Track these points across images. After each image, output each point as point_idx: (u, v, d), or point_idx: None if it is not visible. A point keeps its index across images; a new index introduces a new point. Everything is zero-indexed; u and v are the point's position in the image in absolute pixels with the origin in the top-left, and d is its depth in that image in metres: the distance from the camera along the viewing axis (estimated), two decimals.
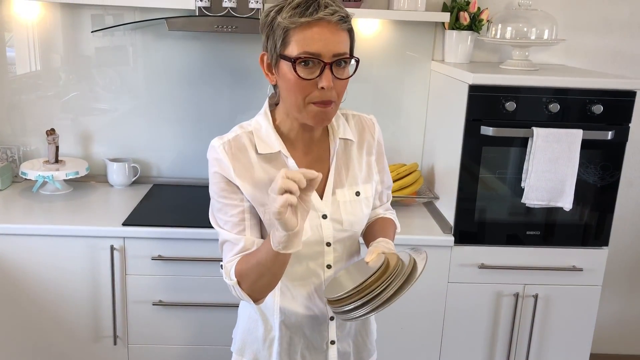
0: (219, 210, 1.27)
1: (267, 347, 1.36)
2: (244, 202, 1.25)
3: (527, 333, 2.25)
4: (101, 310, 2.13)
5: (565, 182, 2.05)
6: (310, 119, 1.21)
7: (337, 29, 1.15)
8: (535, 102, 2.03)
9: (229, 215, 1.25)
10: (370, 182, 1.36)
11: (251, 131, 1.28)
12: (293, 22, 1.14)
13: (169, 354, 2.19)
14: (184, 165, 2.57)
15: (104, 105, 2.51)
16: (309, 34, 1.14)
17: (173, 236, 2.06)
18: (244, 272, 1.20)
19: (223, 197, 1.25)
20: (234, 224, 1.25)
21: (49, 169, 2.33)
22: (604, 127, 2.05)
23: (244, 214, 1.25)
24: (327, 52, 1.15)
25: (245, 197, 1.25)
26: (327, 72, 1.15)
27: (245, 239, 1.24)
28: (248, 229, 1.25)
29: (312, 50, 1.14)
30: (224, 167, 1.24)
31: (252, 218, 1.25)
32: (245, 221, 1.25)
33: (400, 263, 1.20)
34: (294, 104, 1.20)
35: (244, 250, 1.23)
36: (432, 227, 2.21)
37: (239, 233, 1.24)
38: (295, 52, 1.15)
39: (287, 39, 1.16)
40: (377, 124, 1.40)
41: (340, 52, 1.16)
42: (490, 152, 2.10)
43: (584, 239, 2.19)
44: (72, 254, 2.07)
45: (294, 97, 1.19)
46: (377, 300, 1.15)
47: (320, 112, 1.19)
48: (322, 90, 1.16)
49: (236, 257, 1.24)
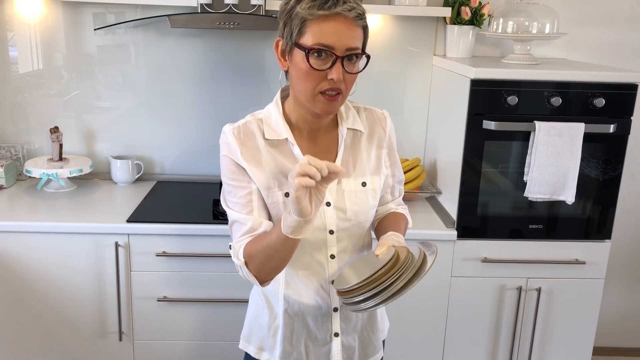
0: (229, 193, 1.31)
1: (272, 335, 1.38)
2: (252, 184, 1.29)
3: (530, 326, 2.25)
4: (106, 307, 2.14)
5: (567, 175, 2.05)
6: (317, 108, 1.25)
7: (352, 25, 1.19)
8: (537, 96, 2.04)
9: (238, 197, 1.29)
10: (378, 175, 1.37)
11: (261, 119, 1.32)
12: (311, 14, 1.18)
13: (175, 349, 2.20)
14: (188, 162, 2.57)
15: (106, 103, 2.52)
16: (325, 27, 1.17)
17: (177, 232, 2.07)
18: (252, 253, 1.23)
19: (232, 180, 1.30)
20: (242, 205, 1.29)
21: (53, 166, 2.34)
22: (606, 121, 2.06)
23: (252, 196, 1.29)
24: (341, 45, 1.18)
25: (252, 180, 1.27)
26: (338, 65, 1.19)
27: (253, 219, 1.27)
28: (256, 209, 1.29)
29: (326, 43, 1.18)
30: (232, 150, 1.28)
31: (259, 199, 1.29)
32: (252, 202, 1.29)
33: (410, 256, 1.21)
34: (303, 92, 1.24)
35: (252, 231, 1.27)
36: (434, 222, 2.22)
37: (247, 214, 1.28)
38: (310, 42, 1.18)
39: (303, 29, 1.19)
40: (389, 118, 1.43)
41: (353, 47, 1.20)
42: (492, 146, 2.11)
43: (587, 233, 2.20)
44: (77, 251, 2.08)
45: (304, 85, 1.22)
46: (386, 292, 1.16)
47: (327, 102, 1.23)
48: (331, 82, 1.20)
49: (245, 238, 1.27)
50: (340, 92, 1.22)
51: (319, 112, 1.26)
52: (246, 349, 1.43)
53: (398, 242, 1.27)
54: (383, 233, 1.35)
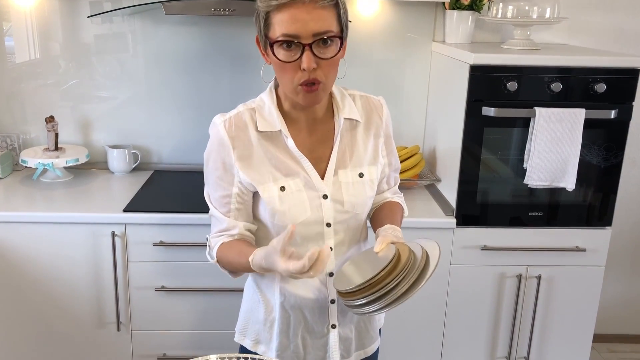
0: (211, 185, 1.31)
1: (268, 329, 1.36)
2: (233, 188, 1.28)
3: (530, 314, 2.24)
4: (104, 297, 2.13)
5: (567, 162, 2.03)
6: (300, 100, 1.22)
7: (314, 8, 1.12)
8: (537, 81, 2.01)
9: (218, 195, 1.29)
10: (375, 165, 1.34)
11: (254, 108, 1.29)
12: (268, 6, 1.15)
13: (173, 339, 2.20)
14: (185, 151, 2.56)
15: (103, 92, 2.50)
16: (286, 16, 1.13)
17: (174, 222, 2.06)
18: (223, 258, 1.29)
19: (215, 176, 1.28)
20: (221, 204, 1.30)
21: (49, 156, 2.32)
22: (607, 106, 2.03)
23: (230, 198, 1.28)
24: (306, 32, 1.13)
25: (238, 180, 1.26)
26: (307, 53, 1.14)
27: (229, 221, 1.29)
28: (232, 212, 1.29)
29: (289, 32, 1.13)
30: (226, 148, 1.25)
31: (238, 203, 1.29)
32: (230, 204, 1.29)
33: (412, 257, 1.16)
34: (285, 86, 1.22)
35: (227, 231, 1.29)
36: (434, 210, 2.20)
37: (224, 214, 1.29)
38: (277, 33, 1.15)
39: (268, 22, 1.17)
40: (385, 106, 1.39)
41: (321, 32, 1.14)
42: (492, 133, 2.08)
43: (587, 220, 2.18)
44: (74, 241, 2.07)
45: (284, 79, 1.20)
46: (390, 297, 1.12)
47: (308, 94, 1.19)
48: (305, 72, 1.15)
49: (220, 236, 1.30)
50: (319, 82, 1.17)
51: (303, 104, 1.22)
52: (242, 342, 1.42)
53: (397, 237, 1.24)
54: (379, 223, 1.33)
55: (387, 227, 1.28)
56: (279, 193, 1.25)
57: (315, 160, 1.28)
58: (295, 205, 1.25)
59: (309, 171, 1.27)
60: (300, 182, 1.26)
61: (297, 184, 1.25)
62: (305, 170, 1.26)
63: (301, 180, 1.26)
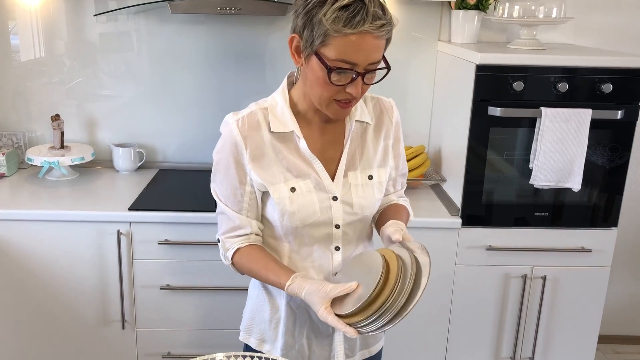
0: (221, 182, 1.29)
1: (273, 328, 1.36)
2: (246, 187, 1.27)
3: (535, 315, 2.23)
4: (109, 295, 2.13)
5: (574, 162, 2.03)
6: (329, 113, 1.22)
7: (375, 38, 1.11)
8: (543, 81, 2.00)
9: (230, 192, 1.28)
10: (385, 167, 1.34)
11: (266, 107, 1.28)
12: (337, 30, 1.08)
13: (178, 337, 2.20)
14: (190, 150, 2.56)
15: (109, 91, 2.50)
16: (350, 44, 1.10)
17: (180, 220, 2.06)
18: (243, 266, 1.30)
19: (227, 174, 1.27)
20: (233, 201, 1.28)
21: (54, 154, 2.32)
22: (613, 107, 2.02)
23: (243, 197, 1.27)
24: (364, 61, 1.12)
25: (250, 179, 1.25)
26: (358, 81, 1.14)
27: (241, 218, 1.28)
28: (245, 210, 1.28)
29: (350, 60, 1.11)
30: (238, 147, 1.24)
31: (250, 200, 1.28)
32: (243, 203, 1.28)
33: (402, 269, 1.13)
34: (317, 98, 1.20)
35: (239, 229, 1.29)
36: (439, 210, 2.19)
37: (237, 211, 1.28)
38: (333, 55, 1.11)
39: (326, 40, 1.11)
40: (396, 108, 1.39)
41: (376, 61, 1.15)
42: (497, 133, 2.08)
43: (593, 220, 2.17)
44: (79, 239, 2.07)
45: (319, 93, 1.18)
46: (388, 315, 1.10)
47: (341, 110, 1.21)
48: (348, 94, 1.16)
49: (234, 238, 1.29)
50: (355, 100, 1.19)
51: (331, 117, 1.23)
52: (247, 341, 1.42)
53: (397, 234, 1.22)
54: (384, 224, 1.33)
55: (391, 223, 1.28)
56: (289, 194, 1.24)
57: (326, 161, 1.28)
58: (305, 207, 1.25)
59: (319, 172, 1.26)
60: (310, 184, 1.25)
61: (307, 185, 1.25)
62: (316, 172, 1.26)
63: (312, 182, 1.26)
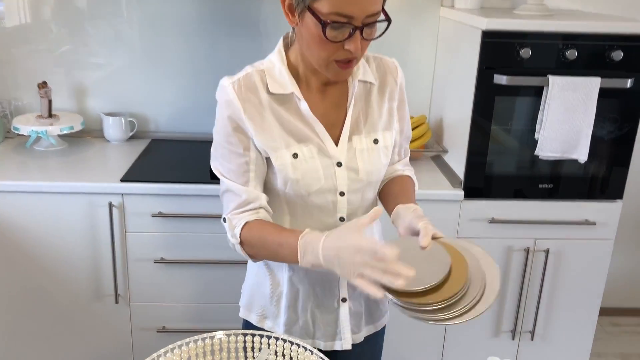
0: (223, 157, 1.21)
1: (275, 304, 1.30)
2: (250, 152, 1.19)
3: (537, 289, 2.20)
4: (102, 269, 2.08)
5: (581, 133, 1.97)
6: (330, 74, 1.14)
7: None
8: (551, 48, 1.93)
9: (233, 164, 1.19)
10: (390, 130, 1.27)
11: (263, 70, 1.20)
12: None
13: (172, 312, 2.15)
14: (183, 119, 2.48)
15: (98, 58, 2.41)
16: None
17: (173, 192, 1.99)
18: (251, 242, 1.19)
19: (229, 143, 1.19)
20: (237, 173, 1.19)
21: (42, 123, 2.24)
22: (623, 75, 1.95)
23: (249, 165, 1.19)
24: (361, 13, 1.05)
25: (254, 145, 1.18)
26: (356, 36, 1.07)
27: (249, 191, 1.19)
28: (252, 180, 1.20)
29: (345, 12, 1.04)
30: (234, 108, 1.16)
31: (257, 169, 1.20)
32: (249, 172, 1.19)
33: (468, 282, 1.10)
34: (315, 59, 1.13)
35: (247, 204, 1.19)
36: (440, 181, 2.14)
37: (242, 184, 1.19)
38: (326, 9, 1.04)
39: None
40: (400, 69, 1.31)
41: (374, 13, 1.07)
42: (503, 103, 2.01)
43: (598, 192, 2.12)
44: (70, 212, 2.00)
45: (316, 52, 1.11)
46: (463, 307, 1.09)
47: (342, 71, 1.13)
48: (348, 52, 1.09)
49: (241, 213, 1.19)
50: (356, 59, 1.12)
51: (332, 78, 1.16)
52: (247, 317, 1.36)
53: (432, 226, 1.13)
54: (392, 199, 1.26)
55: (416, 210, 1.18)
56: (292, 160, 1.17)
57: (328, 125, 1.20)
58: (308, 174, 1.18)
59: (322, 137, 1.19)
60: (313, 149, 1.19)
61: (310, 150, 1.18)
62: (319, 136, 1.19)
63: (314, 147, 1.19)
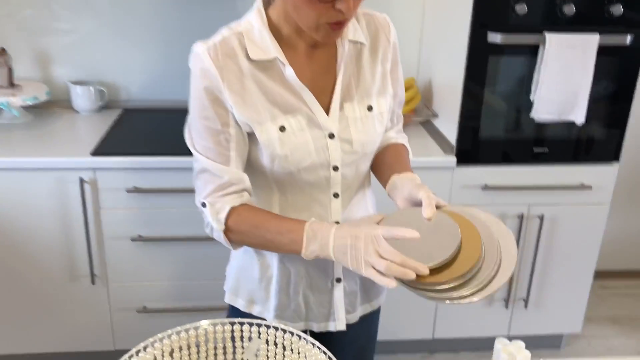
0: (198, 133, 1.07)
1: (264, 288, 1.20)
2: (230, 128, 1.05)
3: (531, 255, 2.15)
4: (75, 249, 1.96)
5: (578, 93, 1.88)
6: (319, 37, 1.02)
7: None
8: (548, 3, 1.82)
9: (211, 142, 1.05)
10: (384, 95, 1.15)
11: (241, 32, 1.06)
12: None
13: (153, 291, 2.06)
14: (156, 87, 2.34)
15: (63, 23, 2.25)
16: None
17: (149, 166, 1.88)
18: (242, 230, 1.07)
19: (205, 118, 1.05)
20: (216, 152, 1.06)
21: (3, 94, 2.08)
22: (622, 30, 1.86)
23: (229, 143, 1.05)
24: None
25: (234, 119, 1.05)
26: None
27: (231, 172, 1.06)
28: (233, 160, 1.06)
29: None
30: (211, 77, 1.02)
31: (238, 147, 1.06)
32: (230, 151, 1.06)
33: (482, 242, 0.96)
34: (303, 21, 1.00)
35: (229, 185, 1.06)
36: (431, 148, 2.05)
37: (223, 163, 1.06)
38: None
39: None
40: (392, 25, 1.18)
41: None
42: (497, 63, 1.91)
43: (594, 155, 2.05)
44: (38, 189, 1.88)
45: (305, 15, 0.98)
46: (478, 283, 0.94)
47: (333, 32, 1.01)
48: (339, 13, 0.96)
49: (224, 197, 1.07)
50: (348, 20, 1.00)
51: (321, 41, 1.04)
52: (234, 302, 1.25)
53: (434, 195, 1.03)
54: (386, 169, 1.16)
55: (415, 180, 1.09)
56: (279, 134, 1.05)
57: (317, 92, 1.08)
58: (297, 148, 1.06)
59: (311, 106, 1.07)
60: (302, 120, 1.06)
61: (298, 122, 1.06)
62: (308, 105, 1.07)
63: (303, 118, 1.06)
